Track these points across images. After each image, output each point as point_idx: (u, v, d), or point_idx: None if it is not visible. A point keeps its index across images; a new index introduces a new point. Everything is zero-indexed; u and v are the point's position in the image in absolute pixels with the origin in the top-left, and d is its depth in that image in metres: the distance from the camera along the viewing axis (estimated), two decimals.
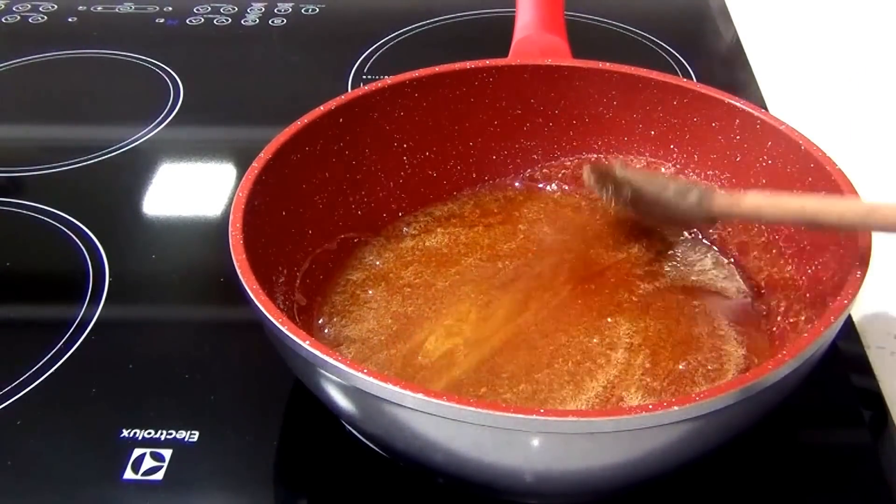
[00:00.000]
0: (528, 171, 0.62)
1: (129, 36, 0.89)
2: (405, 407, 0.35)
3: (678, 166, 0.59)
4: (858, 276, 0.42)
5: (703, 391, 0.37)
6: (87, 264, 0.59)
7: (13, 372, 0.51)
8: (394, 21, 0.90)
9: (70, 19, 0.92)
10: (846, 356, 0.52)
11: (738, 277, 0.54)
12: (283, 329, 0.39)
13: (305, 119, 0.53)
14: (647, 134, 0.60)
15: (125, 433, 0.47)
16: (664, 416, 0.36)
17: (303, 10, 0.93)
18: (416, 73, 0.58)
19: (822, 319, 0.40)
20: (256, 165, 0.49)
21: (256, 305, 0.41)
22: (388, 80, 0.57)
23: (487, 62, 0.59)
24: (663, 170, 0.59)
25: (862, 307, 0.55)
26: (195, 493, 0.45)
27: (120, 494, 0.45)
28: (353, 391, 0.37)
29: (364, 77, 0.81)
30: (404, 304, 0.52)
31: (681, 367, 0.48)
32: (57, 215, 0.63)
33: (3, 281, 0.60)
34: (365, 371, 0.36)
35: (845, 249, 0.45)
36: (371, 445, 0.44)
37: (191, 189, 0.68)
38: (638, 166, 0.59)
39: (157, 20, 0.92)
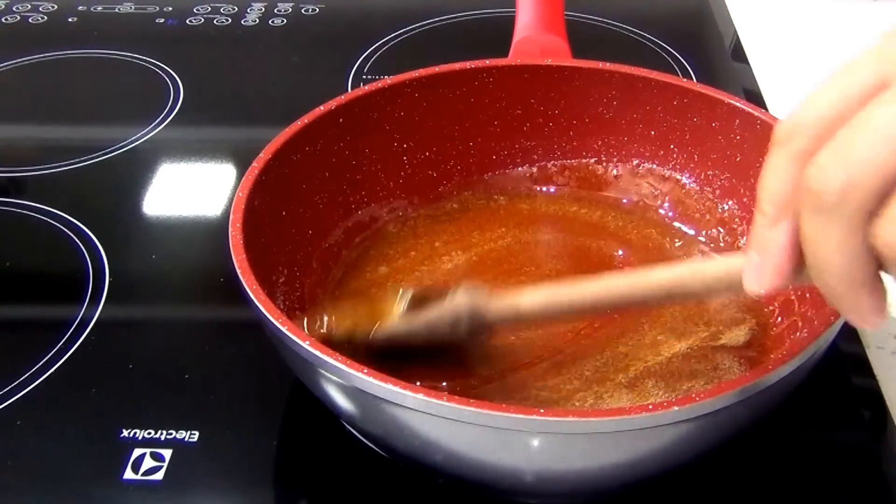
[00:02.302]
0: (529, 171, 0.62)
1: (129, 36, 0.89)
2: (405, 407, 0.35)
3: (678, 167, 0.59)
4: None
5: (702, 391, 0.37)
6: (87, 264, 0.59)
7: (13, 372, 0.51)
8: (394, 21, 0.90)
9: (70, 19, 0.92)
10: (846, 356, 0.52)
11: None
12: (283, 329, 0.39)
13: (305, 119, 0.53)
14: (647, 134, 0.59)
15: (125, 433, 0.47)
16: (664, 417, 0.36)
17: (303, 10, 0.93)
18: (416, 73, 0.58)
19: (822, 319, 0.40)
20: (256, 165, 0.49)
21: (256, 305, 0.41)
22: (388, 80, 0.57)
23: (487, 62, 0.59)
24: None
25: None
26: (195, 493, 0.45)
27: (120, 494, 0.45)
28: (352, 391, 0.37)
29: (364, 77, 0.81)
30: None
31: (687, 381, 0.47)
32: (57, 215, 0.63)
33: (3, 281, 0.59)
34: (365, 371, 0.36)
35: None
36: (371, 445, 0.44)
37: (191, 189, 0.68)
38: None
39: (157, 20, 0.92)
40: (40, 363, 0.52)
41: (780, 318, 0.50)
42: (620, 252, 0.56)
